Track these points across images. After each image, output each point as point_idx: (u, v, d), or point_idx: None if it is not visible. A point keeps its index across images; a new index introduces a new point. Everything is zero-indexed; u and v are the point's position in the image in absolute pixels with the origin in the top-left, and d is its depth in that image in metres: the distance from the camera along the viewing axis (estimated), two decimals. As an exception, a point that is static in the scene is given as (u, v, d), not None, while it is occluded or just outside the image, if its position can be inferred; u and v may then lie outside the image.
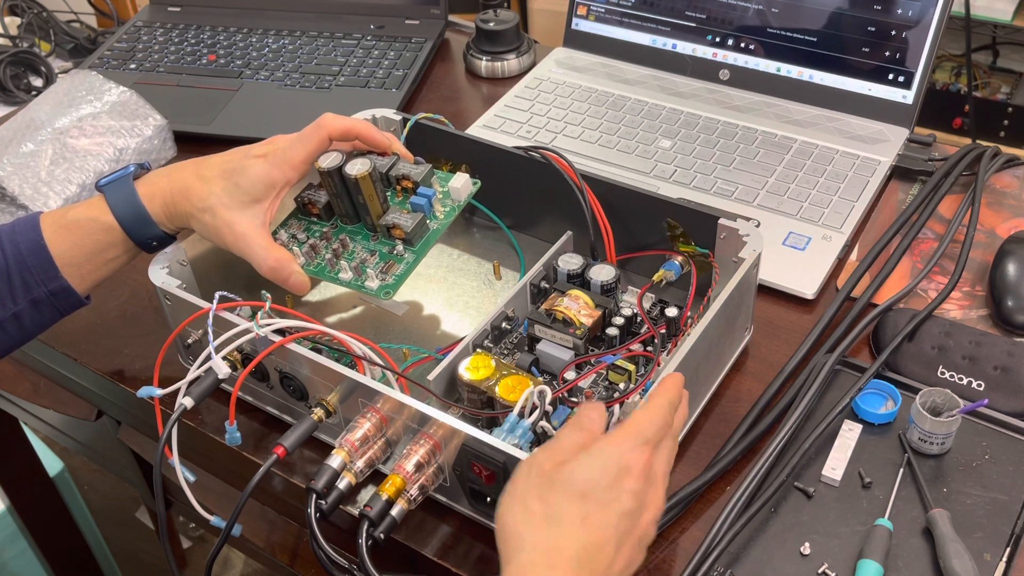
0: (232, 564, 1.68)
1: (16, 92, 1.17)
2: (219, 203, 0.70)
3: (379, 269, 0.72)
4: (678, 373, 0.60)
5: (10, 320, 0.69)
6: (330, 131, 0.73)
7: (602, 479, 0.52)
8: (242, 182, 0.70)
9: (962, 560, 0.59)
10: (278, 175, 0.71)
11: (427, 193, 0.74)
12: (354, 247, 0.75)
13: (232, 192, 0.70)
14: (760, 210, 0.89)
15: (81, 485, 1.74)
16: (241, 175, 0.70)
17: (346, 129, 0.74)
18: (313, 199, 0.76)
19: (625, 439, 0.54)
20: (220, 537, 0.65)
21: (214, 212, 0.70)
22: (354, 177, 0.72)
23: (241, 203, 0.70)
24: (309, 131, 0.72)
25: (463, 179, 0.76)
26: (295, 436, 0.64)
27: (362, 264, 0.73)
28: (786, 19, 1.01)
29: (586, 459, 0.53)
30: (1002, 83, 2.02)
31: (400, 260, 0.73)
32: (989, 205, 0.90)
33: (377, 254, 0.74)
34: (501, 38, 1.13)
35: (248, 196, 0.70)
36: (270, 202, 0.71)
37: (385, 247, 0.74)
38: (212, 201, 0.70)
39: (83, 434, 1.07)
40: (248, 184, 0.70)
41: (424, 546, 0.65)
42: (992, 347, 0.73)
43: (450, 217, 0.75)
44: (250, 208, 0.70)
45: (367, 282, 0.72)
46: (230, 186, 0.70)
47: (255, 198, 0.70)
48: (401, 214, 0.74)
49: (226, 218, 0.70)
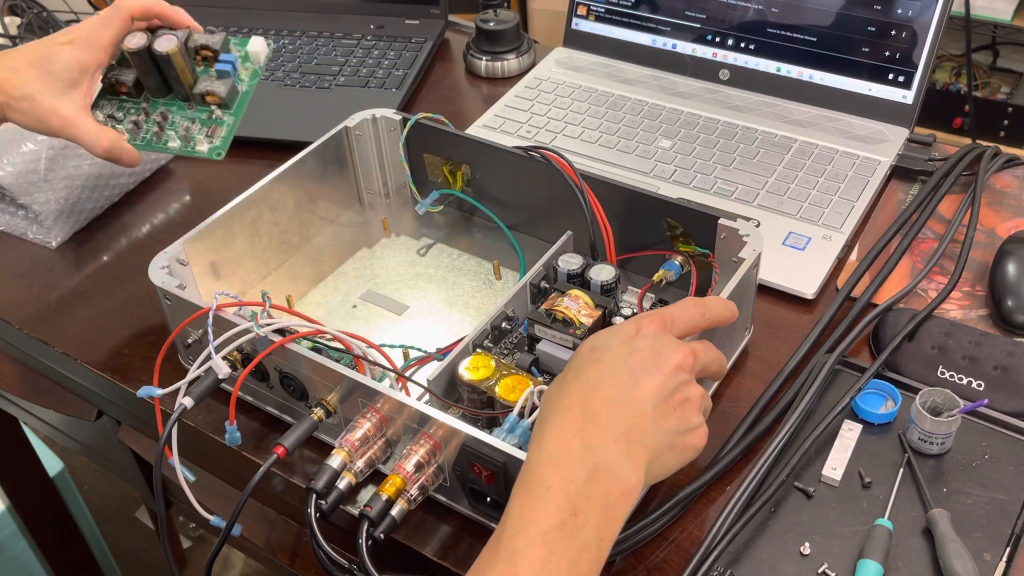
0: (232, 564, 1.68)
1: (16, 92, 1.17)
2: (36, 91, 0.72)
3: (205, 134, 0.78)
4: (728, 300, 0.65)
5: None
6: (131, 11, 0.76)
7: (613, 336, 0.58)
8: (55, 68, 0.72)
9: (962, 560, 0.59)
10: (89, 58, 0.73)
11: (230, 59, 0.80)
12: (174, 118, 0.80)
13: (47, 79, 0.72)
14: (760, 210, 0.89)
15: (81, 485, 1.74)
16: (52, 62, 0.72)
17: (145, 8, 0.77)
18: (121, 79, 0.80)
19: (644, 314, 0.60)
20: (220, 537, 0.65)
21: (33, 100, 0.72)
22: (165, 53, 0.76)
23: (59, 89, 0.72)
24: (111, 12, 0.75)
25: (259, 42, 0.81)
26: (295, 436, 0.64)
27: (188, 132, 0.78)
28: (786, 19, 1.01)
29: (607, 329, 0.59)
30: (1002, 83, 2.03)
31: (221, 123, 0.79)
32: (989, 205, 0.90)
33: (198, 122, 0.79)
34: (501, 38, 1.13)
35: (64, 82, 0.72)
36: (86, 86, 0.74)
37: (203, 114, 0.80)
38: (28, 89, 0.71)
39: (83, 434, 1.07)
40: (61, 69, 0.72)
41: (424, 546, 0.65)
42: (992, 347, 0.73)
43: (255, 79, 0.81)
44: (68, 93, 0.72)
45: (197, 147, 0.78)
46: (43, 74, 0.72)
47: (71, 82, 0.72)
48: (212, 81, 0.79)
49: (48, 105, 0.72)
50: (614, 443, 0.53)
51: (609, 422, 0.53)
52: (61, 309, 0.85)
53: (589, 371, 0.56)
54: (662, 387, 0.56)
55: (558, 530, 0.50)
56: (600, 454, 0.52)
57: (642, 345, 0.57)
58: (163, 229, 0.94)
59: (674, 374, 0.56)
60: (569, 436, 0.53)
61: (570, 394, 0.55)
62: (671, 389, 0.56)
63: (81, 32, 0.74)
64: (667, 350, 0.57)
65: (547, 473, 0.52)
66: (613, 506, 0.52)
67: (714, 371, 0.63)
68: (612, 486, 0.52)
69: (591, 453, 0.52)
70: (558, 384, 0.57)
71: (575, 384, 0.56)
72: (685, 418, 0.57)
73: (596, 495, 0.51)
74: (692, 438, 0.57)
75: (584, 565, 0.50)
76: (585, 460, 0.52)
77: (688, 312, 0.61)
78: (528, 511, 0.50)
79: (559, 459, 0.52)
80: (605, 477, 0.52)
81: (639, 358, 0.56)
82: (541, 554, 0.49)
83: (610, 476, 0.52)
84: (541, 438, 0.53)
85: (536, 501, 0.51)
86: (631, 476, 0.53)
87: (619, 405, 0.54)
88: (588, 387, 0.55)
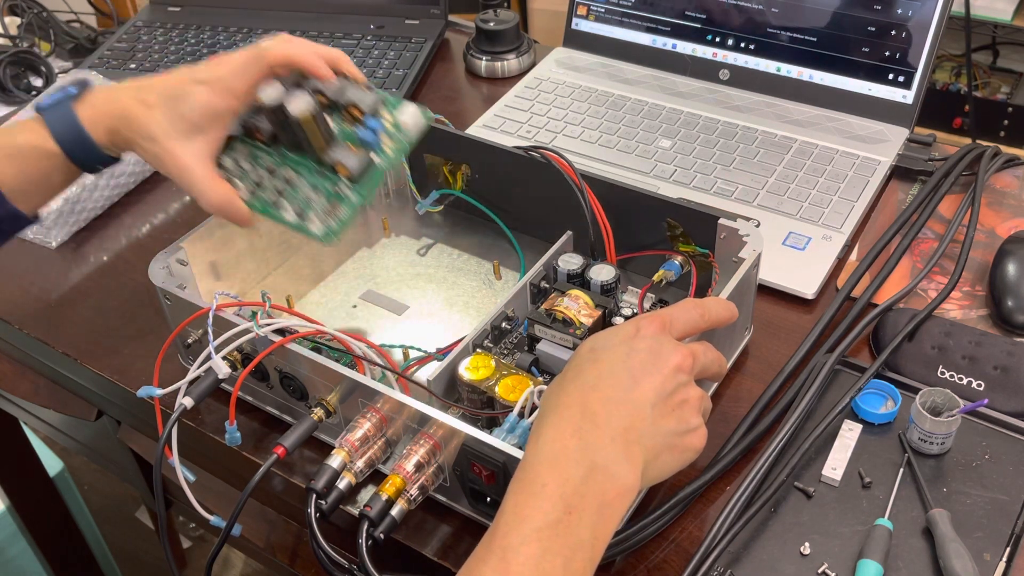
0: (232, 564, 1.68)
1: (16, 92, 1.17)
2: (162, 132, 0.68)
3: (323, 210, 0.69)
4: (728, 301, 0.65)
5: None
6: (271, 60, 0.69)
7: (613, 337, 0.58)
8: (185, 110, 0.68)
9: (962, 560, 0.59)
10: (222, 104, 0.69)
11: (375, 126, 0.69)
12: (299, 182, 0.71)
13: (174, 120, 0.68)
14: (760, 210, 0.89)
15: (81, 485, 1.74)
16: (184, 102, 0.68)
17: (287, 57, 0.69)
18: (259, 125, 0.72)
19: (643, 315, 0.60)
20: (220, 537, 0.65)
21: (156, 140, 0.68)
22: (296, 117, 0.68)
23: (184, 131, 0.68)
24: (250, 59, 0.69)
25: (414, 111, 0.70)
26: (295, 436, 0.64)
27: (306, 204, 0.69)
28: (786, 19, 1.01)
29: (607, 329, 0.60)
30: (1002, 83, 2.03)
31: (344, 200, 0.69)
32: (989, 205, 0.90)
33: (321, 191, 0.70)
34: (501, 38, 1.13)
35: (191, 124, 0.68)
36: (213, 133, 0.69)
37: (329, 183, 0.70)
38: (154, 129, 0.68)
39: (83, 434, 1.07)
40: (190, 111, 0.68)
41: (424, 546, 0.65)
42: (992, 347, 0.73)
43: (400, 155, 0.70)
44: (192, 138, 0.68)
45: (310, 226, 0.69)
46: (173, 114, 0.68)
47: (198, 127, 0.68)
48: (347, 150, 0.69)
49: (169, 147, 0.68)
50: (611, 443, 0.53)
51: (607, 422, 0.53)
52: (61, 309, 0.85)
53: (588, 371, 0.56)
54: (661, 388, 0.56)
55: (553, 527, 0.50)
56: (597, 453, 0.52)
57: (641, 346, 0.57)
58: (163, 229, 0.94)
59: (673, 375, 0.56)
60: (566, 435, 0.53)
61: (569, 393, 0.55)
62: (670, 390, 0.56)
63: (218, 74, 0.69)
64: (666, 351, 0.57)
65: (543, 470, 0.52)
66: (609, 505, 0.52)
67: (714, 372, 0.63)
68: (608, 485, 0.52)
69: (588, 452, 0.52)
70: (557, 384, 0.57)
71: (574, 384, 0.56)
72: (684, 419, 0.57)
73: (592, 494, 0.51)
74: (691, 439, 0.57)
75: (578, 564, 0.50)
76: (582, 459, 0.52)
77: (688, 313, 0.61)
78: (523, 508, 0.50)
79: (556, 457, 0.52)
80: (601, 476, 0.52)
81: (638, 359, 0.56)
82: (535, 551, 0.49)
83: (607, 475, 0.52)
84: (538, 436, 0.53)
85: (531, 498, 0.51)
86: (628, 476, 0.53)
87: (617, 405, 0.54)
88: (587, 387, 0.55)
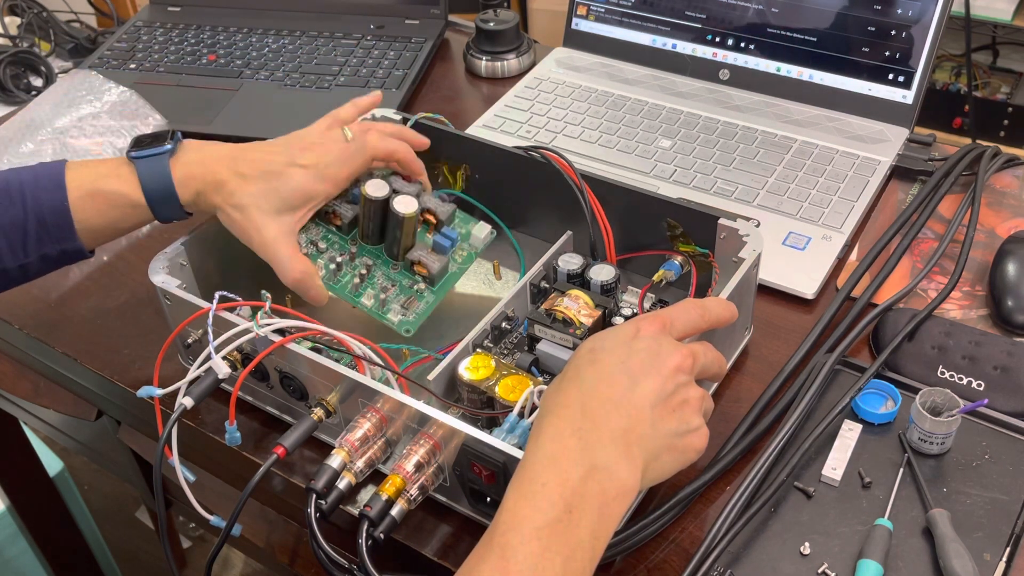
0: (232, 564, 1.68)
1: (16, 92, 1.17)
2: (253, 204, 0.70)
3: (400, 303, 0.73)
4: (728, 301, 0.65)
5: (16, 270, 0.70)
6: (375, 154, 0.74)
7: (613, 337, 0.58)
8: (282, 189, 0.70)
9: (962, 560, 0.59)
10: (319, 190, 0.71)
11: (452, 236, 0.75)
12: (375, 272, 0.75)
13: (269, 197, 0.70)
14: (760, 210, 0.89)
15: (81, 485, 1.74)
16: (282, 182, 0.70)
17: (389, 152, 0.75)
18: (340, 211, 0.75)
19: (643, 315, 0.60)
20: (220, 537, 0.65)
21: (246, 212, 0.70)
22: (402, 216, 0.72)
23: (276, 208, 0.70)
24: (355, 151, 0.73)
25: (484, 229, 0.77)
26: (295, 436, 0.64)
27: (385, 293, 0.73)
28: (786, 19, 1.01)
29: (606, 330, 0.60)
30: (1002, 83, 2.03)
31: (420, 297, 0.74)
32: (989, 205, 0.90)
33: (397, 285, 0.74)
34: (501, 38, 1.13)
35: (285, 204, 0.70)
36: (303, 212, 0.72)
37: (405, 279, 0.75)
38: (247, 201, 0.70)
39: (83, 434, 1.07)
40: (288, 193, 0.70)
41: (424, 546, 0.65)
42: (992, 347, 0.73)
43: (468, 263, 0.77)
44: (283, 215, 0.70)
45: (390, 314, 0.73)
46: (269, 190, 0.70)
47: (292, 207, 0.71)
48: (428, 252, 0.74)
49: (257, 221, 0.70)
50: (611, 443, 0.53)
51: (607, 422, 0.53)
52: (61, 309, 0.85)
53: (588, 372, 0.56)
54: (661, 388, 0.56)
55: (552, 527, 0.50)
56: (597, 453, 0.52)
57: (641, 346, 0.57)
58: (163, 229, 0.94)
59: (673, 375, 0.56)
60: (566, 435, 0.53)
61: (569, 394, 0.55)
62: (670, 390, 0.56)
63: (322, 161, 0.71)
64: (666, 351, 0.57)
65: (543, 470, 0.52)
66: (609, 505, 0.52)
67: (713, 372, 0.63)
68: (608, 486, 0.52)
69: (588, 452, 0.52)
70: (557, 384, 0.57)
71: (574, 384, 0.56)
72: (684, 419, 0.57)
73: (591, 494, 0.51)
74: (692, 439, 0.57)
75: (577, 563, 0.50)
76: (581, 459, 0.52)
77: (687, 313, 0.61)
78: (523, 507, 0.51)
79: (556, 457, 0.52)
80: (601, 476, 0.52)
81: (638, 359, 0.56)
82: (534, 550, 0.49)
83: (606, 476, 0.52)
84: (538, 436, 0.54)
85: (531, 497, 0.51)
86: (628, 476, 0.53)
87: (617, 406, 0.54)
88: (587, 387, 0.55)
